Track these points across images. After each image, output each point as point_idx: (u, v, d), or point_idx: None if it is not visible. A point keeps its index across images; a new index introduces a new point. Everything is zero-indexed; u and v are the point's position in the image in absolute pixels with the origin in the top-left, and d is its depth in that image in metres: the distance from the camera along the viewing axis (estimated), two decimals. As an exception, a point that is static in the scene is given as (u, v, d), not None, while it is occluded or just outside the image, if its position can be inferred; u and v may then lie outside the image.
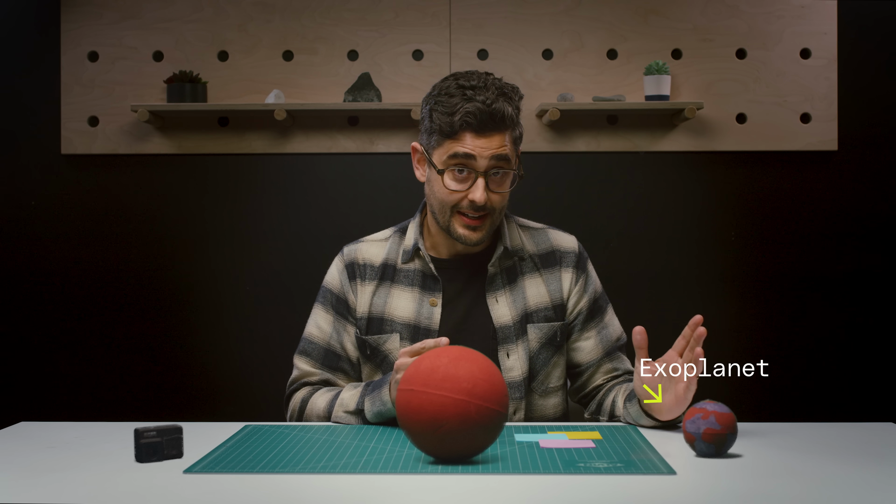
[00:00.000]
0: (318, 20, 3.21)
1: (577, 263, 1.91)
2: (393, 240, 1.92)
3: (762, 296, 3.21)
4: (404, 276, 1.87)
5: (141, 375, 3.19)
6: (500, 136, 1.76)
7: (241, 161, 3.23)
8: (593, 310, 1.91)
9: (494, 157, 1.75)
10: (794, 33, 3.19)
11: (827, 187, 3.21)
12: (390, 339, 1.85)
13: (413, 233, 1.89)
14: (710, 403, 1.46)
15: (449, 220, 1.80)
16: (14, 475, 1.38)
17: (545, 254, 1.91)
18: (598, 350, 1.90)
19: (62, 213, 3.22)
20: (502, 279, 1.87)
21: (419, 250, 1.87)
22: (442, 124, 1.76)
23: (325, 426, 1.72)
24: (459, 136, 1.75)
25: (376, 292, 1.88)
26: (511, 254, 1.88)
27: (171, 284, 3.21)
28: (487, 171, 1.76)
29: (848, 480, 1.33)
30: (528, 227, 1.94)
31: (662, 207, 3.22)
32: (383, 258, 1.90)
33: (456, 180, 1.77)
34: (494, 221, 1.81)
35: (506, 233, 1.88)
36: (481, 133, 1.75)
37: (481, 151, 1.75)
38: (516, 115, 1.78)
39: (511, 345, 1.84)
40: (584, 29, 3.20)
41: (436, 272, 1.85)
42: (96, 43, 3.19)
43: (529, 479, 1.33)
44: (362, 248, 1.92)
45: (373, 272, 1.89)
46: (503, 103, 1.75)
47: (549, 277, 1.89)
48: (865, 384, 3.21)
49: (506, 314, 1.85)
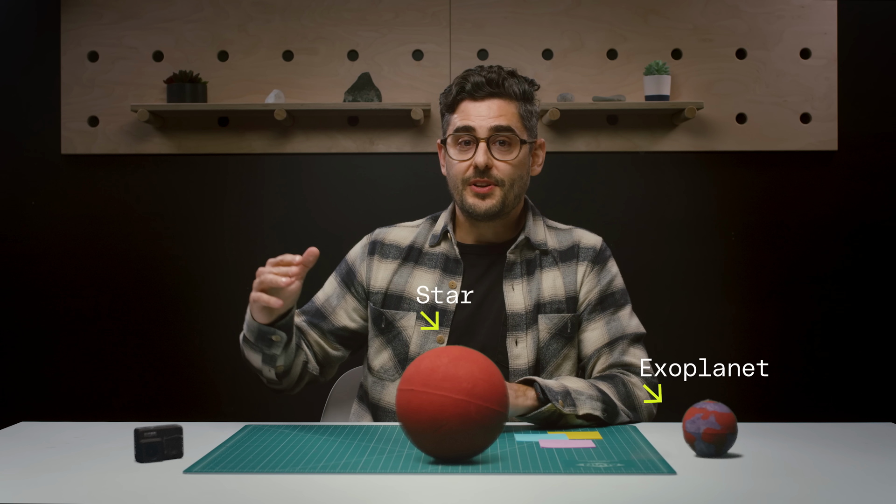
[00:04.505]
0: (318, 20, 3.21)
1: (595, 258, 1.91)
2: (424, 226, 1.98)
3: (762, 296, 3.21)
4: (429, 259, 1.92)
5: (141, 375, 3.19)
6: (500, 103, 1.83)
7: (241, 161, 3.23)
8: (605, 302, 1.89)
9: (494, 123, 1.81)
10: (794, 33, 3.19)
11: (827, 187, 3.21)
12: (406, 316, 1.88)
13: (444, 219, 1.94)
14: (710, 403, 1.46)
15: (462, 193, 1.85)
16: (14, 475, 1.38)
17: (566, 249, 1.92)
18: (601, 341, 1.87)
19: (62, 213, 3.22)
20: (521, 269, 1.88)
21: (447, 233, 1.91)
22: (445, 101, 1.87)
23: (326, 426, 1.72)
24: (460, 108, 1.84)
25: (398, 271, 1.92)
26: (533, 246, 1.90)
27: (171, 284, 3.21)
28: (490, 139, 1.81)
29: (848, 480, 1.33)
30: (555, 228, 1.97)
31: (662, 207, 3.22)
32: (411, 241, 1.95)
33: (460, 151, 1.84)
34: (507, 194, 1.83)
35: (530, 225, 1.91)
36: (478, 98, 1.83)
37: (480, 121, 1.81)
38: (521, 89, 1.84)
39: (520, 332, 1.84)
40: (584, 29, 3.20)
41: (459, 256, 1.88)
42: (96, 43, 3.20)
43: (529, 479, 1.33)
44: (392, 230, 1.98)
45: (397, 252, 1.94)
46: (504, 75, 1.84)
47: (566, 270, 1.90)
48: (865, 384, 3.21)
49: (519, 302, 1.86)
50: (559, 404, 1.64)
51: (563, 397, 1.66)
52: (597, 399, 1.70)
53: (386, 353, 1.90)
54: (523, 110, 1.85)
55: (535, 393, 1.67)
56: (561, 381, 1.72)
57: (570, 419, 1.67)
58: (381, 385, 1.90)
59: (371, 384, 1.93)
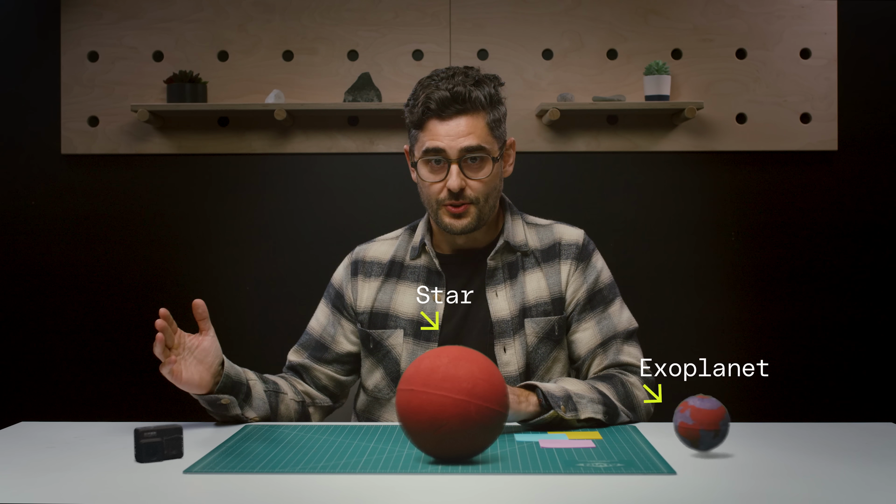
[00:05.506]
0: (318, 20, 3.21)
1: (579, 255, 1.87)
2: (403, 237, 1.94)
3: (762, 296, 3.21)
4: (411, 273, 1.88)
5: (141, 375, 3.19)
6: (468, 120, 1.76)
7: (241, 161, 3.23)
8: (594, 300, 1.86)
9: (464, 143, 1.75)
10: (794, 33, 3.19)
11: (827, 187, 3.21)
12: (394, 334, 1.86)
13: (421, 230, 1.90)
14: (698, 399, 1.46)
15: (437, 212, 1.81)
16: (14, 475, 1.38)
17: (548, 248, 1.88)
18: (595, 341, 1.85)
19: (62, 213, 3.22)
20: (503, 273, 1.86)
21: (425, 245, 1.87)
22: (411, 117, 1.80)
23: (326, 426, 1.72)
24: (427, 126, 1.78)
25: (382, 288, 1.89)
26: (513, 249, 1.87)
27: (171, 284, 3.21)
28: (461, 159, 1.76)
29: (848, 480, 1.33)
30: (535, 224, 1.92)
31: (662, 207, 3.22)
32: (391, 255, 1.92)
33: (432, 171, 1.79)
34: (482, 210, 1.79)
35: (508, 227, 1.87)
36: (445, 117, 1.76)
37: (449, 141, 1.76)
38: (487, 98, 1.77)
39: (507, 339, 1.83)
40: (584, 29, 3.20)
41: (440, 268, 1.86)
42: (96, 43, 3.20)
43: (529, 479, 1.33)
44: (372, 247, 1.95)
45: (379, 269, 1.91)
46: (468, 87, 1.76)
47: (549, 271, 1.87)
48: (865, 384, 3.21)
49: (504, 308, 1.84)
50: (561, 410, 1.63)
51: (565, 402, 1.65)
52: (598, 402, 1.69)
53: (378, 372, 1.89)
54: (491, 119, 1.78)
55: (538, 399, 1.66)
56: (561, 383, 1.71)
57: (571, 423, 1.67)
58: (378, 404, 1.90)
59: (368, 404, 1.92)
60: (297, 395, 1.86)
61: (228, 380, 1.72)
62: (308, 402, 1.88)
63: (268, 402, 1.78)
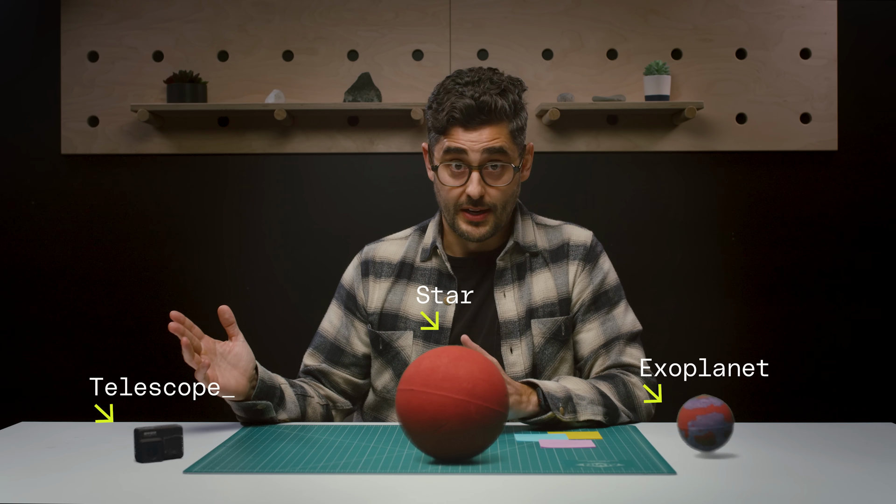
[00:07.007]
0: (318, 20, 3.21)
1: (586, 256, 1.88)
2: (413, 238, 1.94)
3: (762, 296, 3.21)
4: (421, 275, 1.88)
5: (141, 375, 3.19)
6: (492, 129, 1.76)
7: (241, 161, 3.23)
8: (599, 301, 1.87)
9: (486, 150, 1.76)
10: (794, 33, 3.19)
11: (827, 187, 3.21)
12: (403, 336, 1.86)
13: (432, 231, 1.90)
14: (700, 399, 1.46)
15: (454, 217, 1.81)
16: (14, 475, 1.38)
17: (556, 248, 1.89)
18: (598, 342, 1.85)
19: (62, 213, 3.22)
20: (512, 274, 1.86)
21: (437, 248, 1.87)
22: (435, 121, 1.79)
23: (326, 426, 1.72)
24: (451, 132, 1.77)
25: (392, 289, 1.89)
26: (522, 249, 1.87)
27: (171, 284, 3.21)
28: (482, 165, 1.76)
29: (848, 480, 1.33)
30: (544, 225, 1.93)
31: (662, 207, 3.22)
32: (402, 256, 1.91)
33: (452, 176, 1.79)
34: (499, 217, 1.80)
35: (519, 228, 1.87)
36: (470, 127, 1.76)
37: (472, 145, 1.75)
38: (512, 107, 1.77)
39: (514, 340, 1.83)
40: (584, 29, 3.20)
41: (451, 271, 1.86)
42: (96, 43, 3.20)
43: (529, 479, 1.33)
44: (381, 246, 1.94)
45: (389, 269, 1.91)
46: (494, 96, 1.75)
47: (556, 272, 1.87)
48: (865, 384, 3.21)
49: (511, 309, 1.84)
50: (560, 412, 1.64)
51: (565, 403, 1.65)
52: (598, 403, 1.69)
53: (387, 373, 1.89)
54: (515, 127, 1.79)
55: (538, 398, 1.66)
56: (562, 382, 1.71)
57: (570, 423, 1.67)
58: (387, 404, 1.90)
59: (376, 403, 1.92)
60: (321, 398, 1.87)
61: (264, 385, 1.72)
62: (330, 405, 1.90)
63: (298, 406, 1.80)
